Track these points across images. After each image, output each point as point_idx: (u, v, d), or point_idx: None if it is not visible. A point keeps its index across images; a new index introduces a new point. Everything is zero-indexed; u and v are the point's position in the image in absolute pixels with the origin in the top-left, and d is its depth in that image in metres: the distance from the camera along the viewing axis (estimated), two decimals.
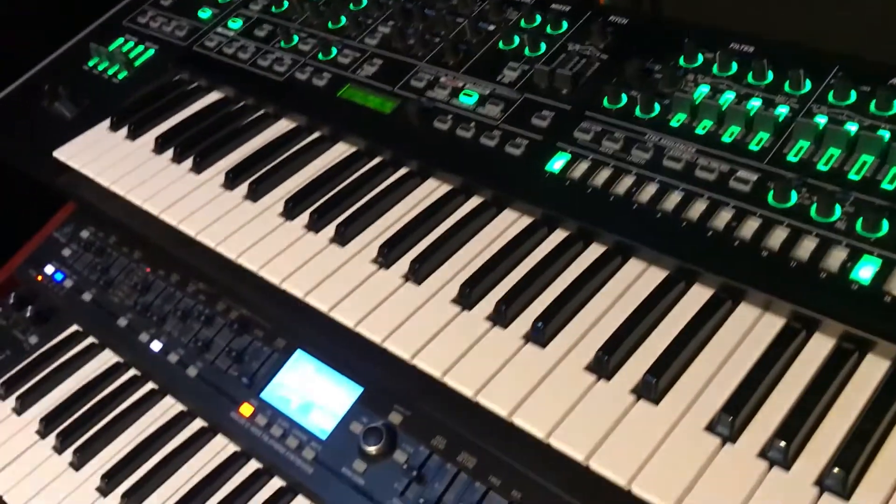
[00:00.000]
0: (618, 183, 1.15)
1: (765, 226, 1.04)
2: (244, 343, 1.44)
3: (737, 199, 1.08)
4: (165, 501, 1.35)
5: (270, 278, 1.21)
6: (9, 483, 1.43)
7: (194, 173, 1.43)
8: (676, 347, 0.98)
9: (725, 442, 0.89)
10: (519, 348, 1.04)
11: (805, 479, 0.85)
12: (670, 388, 0.95)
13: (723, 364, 0.97)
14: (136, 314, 1.57)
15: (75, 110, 1.65)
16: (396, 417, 1.26)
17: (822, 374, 0.92)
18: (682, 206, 1.09)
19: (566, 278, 1.10)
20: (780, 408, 0.91)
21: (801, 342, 0.97)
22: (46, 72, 1.78)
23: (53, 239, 1.77)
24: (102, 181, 1.46)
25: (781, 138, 1.12)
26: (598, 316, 1.05)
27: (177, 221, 1.34)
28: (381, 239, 1.22)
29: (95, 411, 1.49)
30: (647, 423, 0.93)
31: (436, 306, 1.11)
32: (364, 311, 1.12)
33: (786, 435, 0.87)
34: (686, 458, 0.89)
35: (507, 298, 1.08)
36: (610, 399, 0.96)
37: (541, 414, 0.96)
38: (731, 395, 0.92)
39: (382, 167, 1.34)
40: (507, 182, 1.22)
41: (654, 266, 1.09)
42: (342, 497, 1.23)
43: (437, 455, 1.20)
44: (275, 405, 1.36)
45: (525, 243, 1.16)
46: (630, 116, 1.22)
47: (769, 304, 1.00)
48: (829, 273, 0.97)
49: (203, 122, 1.52)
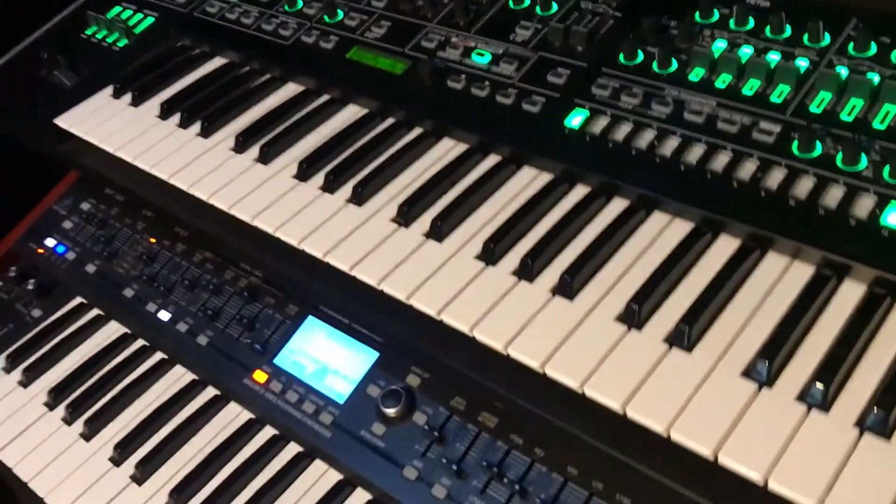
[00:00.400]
0: (639, 137, 1.14)
1: (791, 176, 1.04)
2: (255, 311, 1.43)
3: (761, 150, 1.07)
4: (180, 469, 1.33)
5: (288, 239, 1.20)
6: (17, 455, 1.41)
7: (202, 138, 1.41)
8: (707, 296, 0.97)
9: (762, 387, 0.89)
10: (547, 301, 1.03)
11: (845, 420, 0.85)
12: (703, 337, 0.95)
13: (754, 312, 0.96)
14: (143, 284, 1.55)
15: (75, 79, 1.62)
16: (414, 380, 1.25)
17: (855, 319, 0.92)
18: (705, 159, 1.09)
19: (591, 232, 1.10)
20: (815, 353, 0.91)
21: (832, 289, 0.96)
22: (43, 41, 1.75)
23: (53, 212, 1.75)
24: (107, 147, 1.43)
25: (803, 90, 1.11)
26: (625, 269, 1.05)
27: (187, 186, 1.32)
28: (400, 198, 1.20)
29: (104, 382, 1.48)
30: (681, 371, 0.92)
31: (459, 263, 1.10)
32: (386, 270, 1.11)
33: (823, 377, 0.87)
34: (723, 404, 0.88)
35: (533, 253, 1.07)
36: (642, 348, 0.95)
37: (573, 365, 0.95)
38: (766, 341, 0.92)
39: (396, 128, 1.33)
40: (525, 139, 1.21)
41: (679, 219, 1.09)
42: (362, 460, 1.22)
43: (457, 416, 1.20)
44: (289, 371, 1.35)
45: (546, 199, 1.15)
46: (647, 72, 1.21)
47: (798, 252, 1.00)
48: (859, 220, 0.97)
49: (209, 87, 1.49)
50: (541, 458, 1.13)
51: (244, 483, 1.29)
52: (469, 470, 1.15)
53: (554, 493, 1.10)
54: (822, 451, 0.83)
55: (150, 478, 1.33)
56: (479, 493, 1.13)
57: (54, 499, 1.34)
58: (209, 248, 1.53)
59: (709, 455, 0.86)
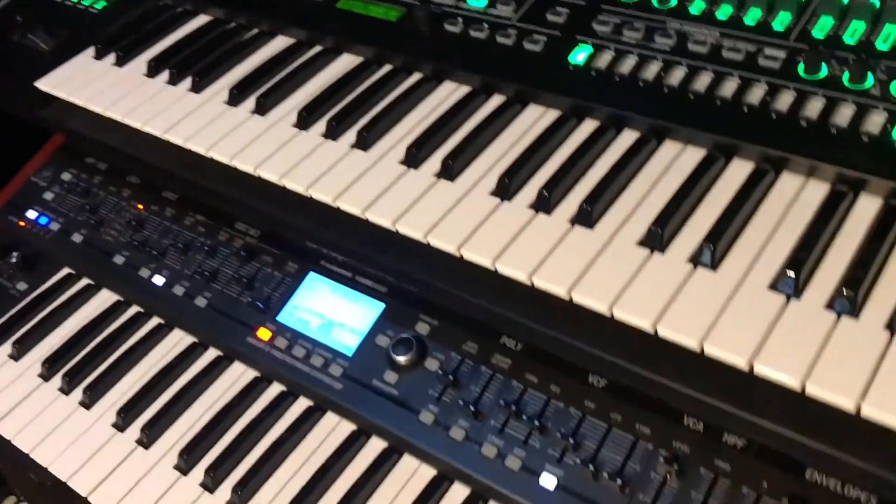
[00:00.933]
0: (645, 69, 1.15)
1: (800, 98, 1.05)
2: (253, 270, 1.41)
3: (768, 75, 1.08)
4: (188, 430, 1.31)
5: (294, 187, 1.18)
6: (15, 428, 1.37)
7: (194, 93, 1.38)
8: (728, 216, 0.98)
9: (790, 299, 0.90)
10: (567, 231, 1.03)
11: (875, 324, 0.86)
12: (727, 254, 0.96)
13: (775, 229, 0.97)
14: (133, 250, 1.51)
15: (52, 42, 1.57)
16: (424, 328, 1.25)
17: (875, 230, 0.94)
18: (713, 86, 1.10)
19: (604, 163, 1.10)
20: (840, 263, 0.92)
21: (849, 203, 0.98)
22: (16, 4, 1.69)
23: (32, 184, 1.70)
24: (95, 108, 1.40)
25: (804, 17, 1.13)
26: (642, 196, 1.05)
27: (183, 140, 1.29)
28: (406, 141, 1.19)
29: (101, 349, 1.44)
30: (709, 288, 0.93)
31: (475, 200, 1.09)
32: (400, 210, 1.10)
33: (851, 284, 0.88)
34: (754, 317, 0.89)
35: (549, 185, 1.07)
36: (667, 269, 0.96)
37: (600, 289, 0.96)
38: (791, 254, 0.93)
39: (395, 74, 1.31)
40: (530, 77, 1.21)
41: (692, 146, 1.09)
42: (376, 408, 1.21)
43: (469, 360, 1.20)
44: (294, 327, 1.33)
45: (556, 134, 1.15)
46: (648, 7, 1.22)
47: (813, 170, 1.01)
48: (871, 135, 0.99)
49: (197, 43, 1.46)
50: (557, 395, 1.13)
51: (256, 439, 1.27)
52: (486, 411, 1.15)
53: (573, 426, 1.10)
54: (857, 355, 0.84)
55: (156, 441, 1.31)
56: (497, 432, 1.13)
57: (58, 468, 1.30)
58: (201, 211, 1.50)
59: (744, 365, 0.87)
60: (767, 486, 0.96)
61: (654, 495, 1.01)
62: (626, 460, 1.05)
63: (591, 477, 1.05)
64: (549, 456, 1.09)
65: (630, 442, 1.06)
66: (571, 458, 1.07)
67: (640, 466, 1.04)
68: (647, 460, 1.04)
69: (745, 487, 0.98)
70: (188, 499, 1.23)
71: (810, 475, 0.95)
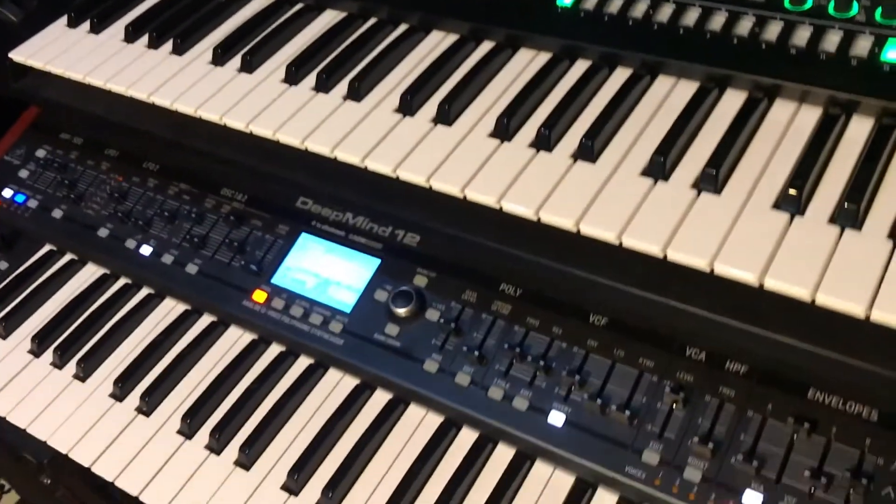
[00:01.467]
0: (633, 8, 1.16)
1: (787, 28, 1.07)
2: (243, 234, 1.39)
3: (755, 7, 1.10)
4: (189, 396, 1.29)
5: (289, 141, 1.17)
6: (9, 404, 1.34)
7: (176, 55, 1.36)
8: (727, 143, 1.00)
9: (794, 216, 0.92)
10: (570, 167, 1.04)
11: (878, 234, 0.89)
12: (729, 179, 0.98)
13: (773, 153, 1.00)
14: (117, 223, 1.49)
15: (21, 13, 1.54)
16: (421, 280, 1.25)
17: (870, 147, 0.97)
18: (702, 20, 1.12)
19: (600, 101, 1.11)
20: (839, 181, 0.95)
21: (843, 124, 1.00)
22: None
23: (5, 163, 1.66)
24: (74, 75, 1.37)
25: None
26: (641, 129, 1.07)
27: (170, 102, 1.27)
28: (399, 89, 1.19)
29: (91, 322, 1.42)
30: (714, 211, 0.95)
31: (474, 142, 1.10)
32: (400, 157, 1.10)
33: (853, 198, 0.91)
34: (760, 235, 0.91)
35: (548, 123, 1.08)
36: (672, 196, 0.97)
37: (607, 219, 0.97)
38: (792, 173, 0.95)
39: (381, 26, 1.31)
40: (519, 21, 1.21)
41: (684, 79, 1.11)
42: (379, 361, 1.21)
43: (469, 308, 1.20)
44: (289, 288, 1.32)
45: (550, 76, 1.16)
46: None
47: (805, 96, 1.04)
48: (860, 59, 1.01)
49: (175, 6, 1.44)
50: (559, 336, 1.14)
51: (259, 399, 1.26)
52: (489, 355, 1.15)
53: (577, 365, 1.11)
54: (862, 264, 0.87)
55: (157, 408, 1.29)
56: (503, 375, 1.13)
57: (57, 440, 1.28)
58: (184, 180, 1.48)
59: (754, 281, 0.89)
60: (772, 408, 0.98)
61: (661, 424, 1.03)
62: (632, 393, 1.06)
63: (598, 411, 1.06)
64: (556, 394, 1.09)
65: (635, 375, 1.07)
66: (578, 394, 1.08)
67: (646, 398, 1.05)
68: (652, 392, 1.05)
69: (751, 411, 1.00)
70: (195, 460, 1.22)
71: (812, 394, 0.98)
